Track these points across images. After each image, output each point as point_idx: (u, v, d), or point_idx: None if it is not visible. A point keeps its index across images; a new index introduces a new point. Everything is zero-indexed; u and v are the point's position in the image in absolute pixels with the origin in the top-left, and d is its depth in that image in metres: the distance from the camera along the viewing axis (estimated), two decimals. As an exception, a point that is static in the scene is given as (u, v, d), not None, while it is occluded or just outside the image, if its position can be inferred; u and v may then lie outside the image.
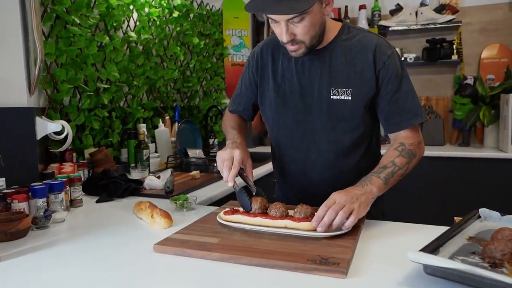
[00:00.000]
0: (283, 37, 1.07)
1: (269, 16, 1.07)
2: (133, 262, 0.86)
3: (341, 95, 1.15)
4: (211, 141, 2.78)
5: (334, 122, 1.18)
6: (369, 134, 1.24)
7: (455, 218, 1.06)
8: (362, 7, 3.27)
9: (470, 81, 3.07)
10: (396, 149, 1.14)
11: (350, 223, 0.94)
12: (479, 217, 1.02)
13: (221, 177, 1.81)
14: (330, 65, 1.17)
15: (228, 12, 3.00)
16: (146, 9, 2.28)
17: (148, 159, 1.95)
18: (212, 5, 2.97)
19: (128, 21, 2.17)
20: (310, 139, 1.22)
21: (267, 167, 2.22)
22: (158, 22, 2.36)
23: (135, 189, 1.51)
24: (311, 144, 1.22)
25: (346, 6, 3.35)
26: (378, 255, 0.87)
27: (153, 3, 2.34)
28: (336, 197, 0.98)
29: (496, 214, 1.01)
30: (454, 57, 3.06)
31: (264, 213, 1.03)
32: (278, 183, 1.44)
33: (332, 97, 1.16)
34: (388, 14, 3.23)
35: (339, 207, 0.95)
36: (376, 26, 3.21)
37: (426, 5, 3.13)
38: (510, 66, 3.05)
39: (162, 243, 0.92)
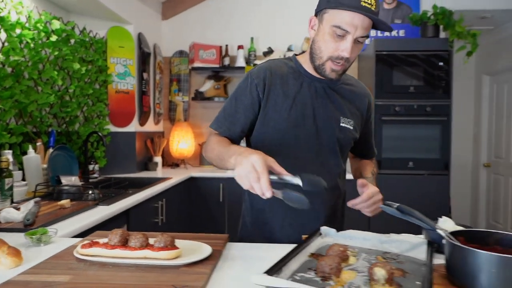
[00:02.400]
0: (347, 51, 1.05)
1: (344, 28, 1.03)
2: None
3: (347, 124, 1.20)
4: (91, 167, 2.53)
5: (341, 146, 1.20)
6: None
7: (303, 236, 1.11)
8: (240, 47, 3.41)
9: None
10: (372, 162, 1.35)
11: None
12: (320, 234, 1.09)
13: (95, 205, 1.67)
14: (340, 97, 1.21)
15: (113, 41, 2.82)
16: (18, 30, 2.00)
17: (11, 188, 1.66)
18: (96, 33, 2.76)
19: (-6, 41, 1.87)
20: (320, 161, 1.19)
21: (151, 191, 2.10)
22: (32, 45, 2.09)
23: (-13, 223, 1.26)
24: (321, 166, 1.19)
25: (227, 45, 3.46)
26: (232, 278, 0.86)
27: (26, 24, 2.07)
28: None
29: (333, 230, 1.08)
30: (314, 94, 3.37)
31: (124, 244, 0.93)
32: (252, 210, 1.25)
33: (341, 124, 1.19)
34: (262, 55, 3.43)
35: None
36: (252, 64, 3.37)
37: (292, 50, 3.42)
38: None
39: (0, 288, 0.76)
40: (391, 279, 0.74)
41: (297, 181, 0.87)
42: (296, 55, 1.27)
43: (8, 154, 1.78)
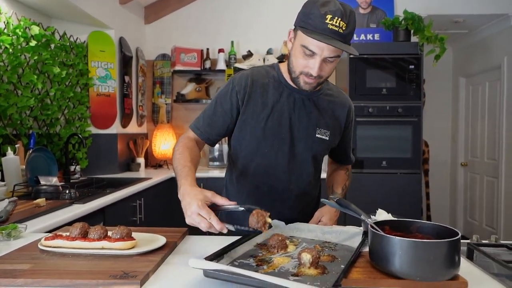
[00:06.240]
0: (315, 71, 1.07)
1: (310, 49, 1.04)
2: None
3: (323, 135, 1.24)
4: (72, 168, 2.60)
5: (313, 156, 1.26)
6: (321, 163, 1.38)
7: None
8: (221, 50, 3.50)
9: (304, 116, 3.51)
10: (345, 174, 1.34)
11: None
12: (271, 226, 1.18)
13: (70, 204, 1.74)
14: (318, 108, 1.24)
15: (94, 45, 2.89)
16: (-4, 36, 2.07)
17: (-11, 188, 1.73)
18: (77, 37, 2.83)
19: (-28, 47, 1.94)
20: (291, 169, 1.24)
21: (128, 190, 2.17)
22: (11, 50, 2.16)
23: (-38, 221, 1.33)
24: (292, 175, 1.25)
25: (208, 49, 3.55)
26: (180, 266, 0.94)
27: (5, 30, 2.14)
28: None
29: (282, 223, 1.18)
30: (292, 96, 3.47)
31: (84, 236, 1.02)
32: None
33: (317, 135, 1.24)
34: (242, 58, 3.52)
35: None
36: (232, 67, 3.46)
37: (271, 54, 3.52)
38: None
39: (-35, 275, 0.84)
40: (316, 263, 0.84)
41: (237, 208, 0.94)
42: (280, 61, 1.39)
43: (-13, 156, 1.85)
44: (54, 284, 0.81)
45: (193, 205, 0.91)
